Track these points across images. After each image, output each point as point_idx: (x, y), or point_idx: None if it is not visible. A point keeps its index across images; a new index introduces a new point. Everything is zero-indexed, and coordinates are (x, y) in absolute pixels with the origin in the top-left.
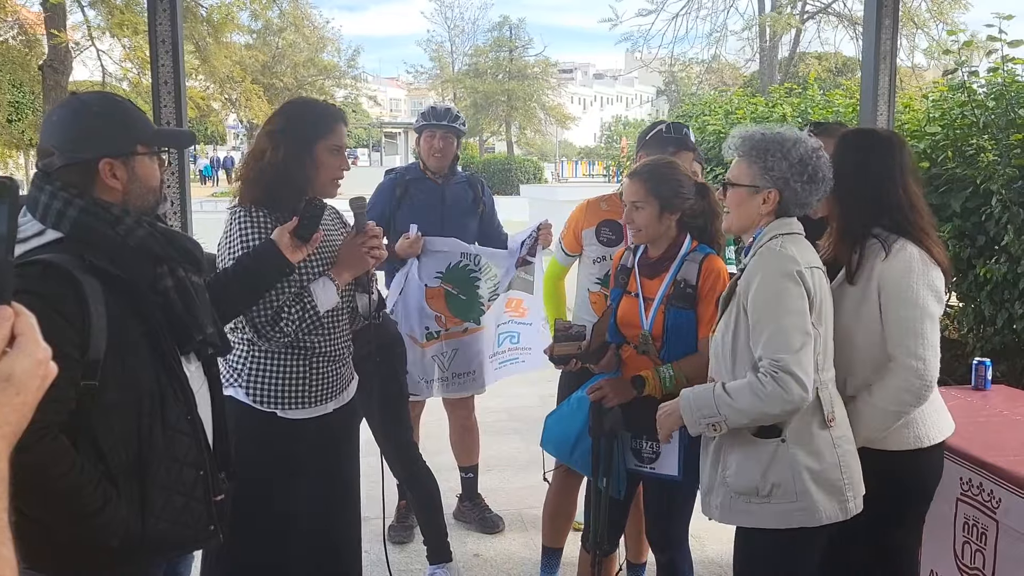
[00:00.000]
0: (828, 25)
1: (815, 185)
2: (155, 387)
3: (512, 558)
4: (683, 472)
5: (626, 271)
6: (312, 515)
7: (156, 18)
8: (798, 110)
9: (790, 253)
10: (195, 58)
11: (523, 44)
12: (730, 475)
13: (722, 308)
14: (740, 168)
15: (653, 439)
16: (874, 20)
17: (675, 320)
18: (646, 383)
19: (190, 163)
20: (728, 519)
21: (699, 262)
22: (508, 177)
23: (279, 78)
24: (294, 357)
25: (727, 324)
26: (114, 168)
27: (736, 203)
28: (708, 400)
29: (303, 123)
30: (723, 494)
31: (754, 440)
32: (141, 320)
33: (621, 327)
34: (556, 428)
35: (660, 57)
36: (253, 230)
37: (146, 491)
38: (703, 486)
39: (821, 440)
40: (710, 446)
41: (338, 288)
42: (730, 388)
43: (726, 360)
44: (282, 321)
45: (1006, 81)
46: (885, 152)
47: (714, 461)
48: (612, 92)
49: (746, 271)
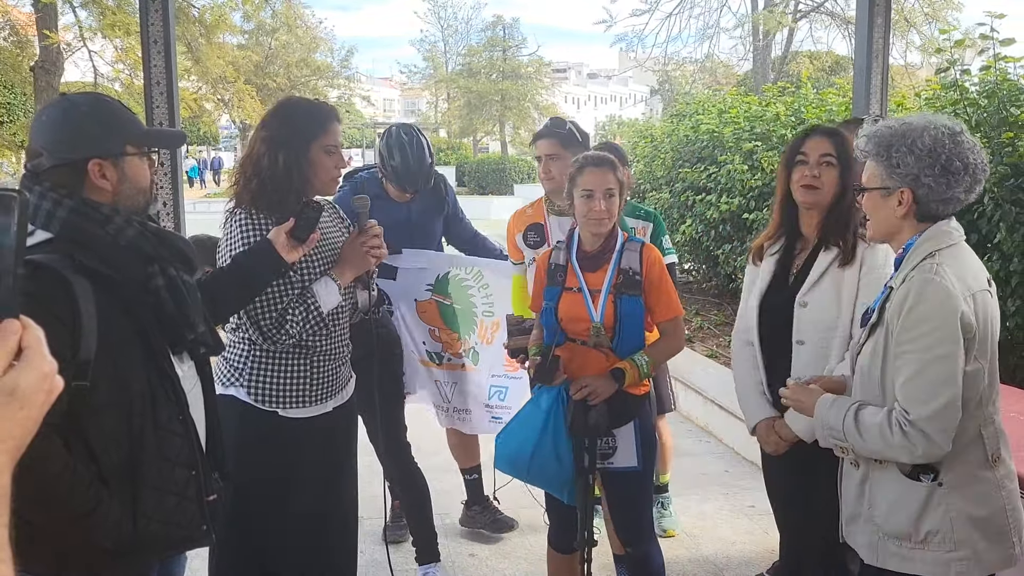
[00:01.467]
0: (821, 24)
1: (953, 177)
2: (146, 387)
3: (508, 556)
4: (641, 462)
5: (561, 268)
6: (310, 515)
7: (148, 18)
8: (791, 109)
9: (947, 284)
10: (187, 59)
11: (517, 44)
12: (878, 515)
13: (869, 329)
14: (869, 169)
15: (608, 435)
16: (866, 19)
17: (627, 307)
18: (626, 374)
19: (182, 164)
20: (876, 560)
21: (638, 251)
22: (502, 177)
23: (272, 78)
24: (296, 357)
25: (875, 350)
26: (103, 169)
27: (871, 208)
28: (838, 422)
29: (297, 126)
30: (870, 532)
31: (905, 480)
32: (132, 320)
33: (565, 323)
34: (508, 447)
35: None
36: (253, 231)
37: (138, 491)
38: (845, 512)
39: (984, 483)
40: (855, 473)
41: (340, 287)
42: (862, 421)
43: (874, 387)
44: (287, 323)
45: (998, 79)
46: None
47: (859, 493)
48: (606, 92)
49: (897, 295)
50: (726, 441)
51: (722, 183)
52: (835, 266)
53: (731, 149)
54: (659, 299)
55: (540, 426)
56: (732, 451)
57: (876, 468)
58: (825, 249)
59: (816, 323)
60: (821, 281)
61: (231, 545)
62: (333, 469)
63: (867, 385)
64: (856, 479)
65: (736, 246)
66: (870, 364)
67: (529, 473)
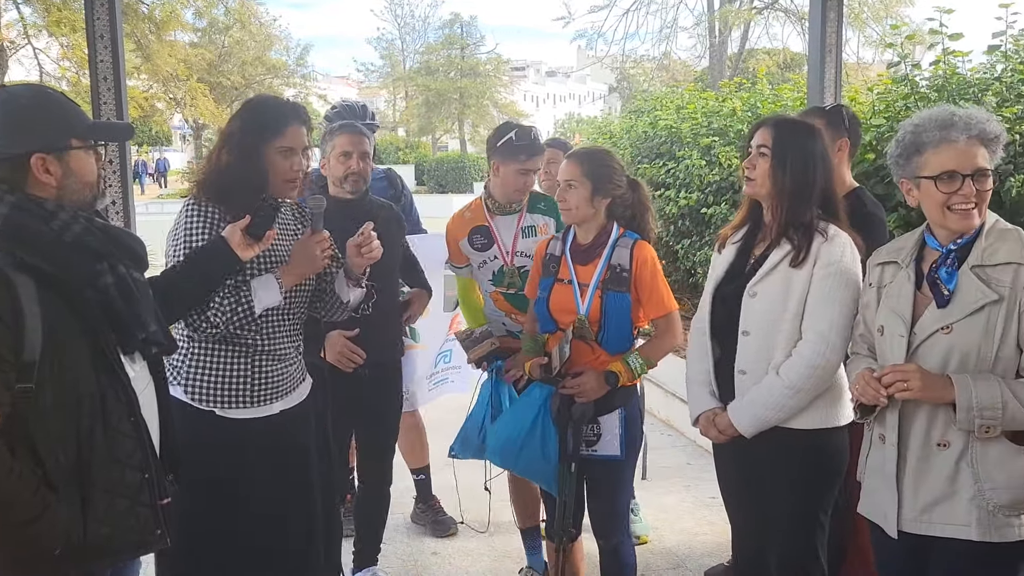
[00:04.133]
0: (776, 21)
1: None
2: (95, 388)
3: (470, 554)
4: (624, 451)
5: (555, 259)
6: (263, 517)
7: (94, 12)
8: (748, 104)
9: None
10: (137, 56)
11: (475, 42)
12: (991, 489)
13: (972, 308)
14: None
15: (594, 421)
16: (819, 14)
17: (613, 303)
18: (619, 377)
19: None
20: (990, 535)
21: (630, 247)
22: (462, 175)
23: (226, 77)
24: (234, 355)
25: (988, 328)
26: (47, 163)
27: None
28: (994, 399)
29: (254, 126)
30: (978, 508)
31: (1018, 449)
32: (79, 319)
33: (555, 314)
34: (499, 438)
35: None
36: (202, 225)
37: (88, 495)
38: (922, 498)
39: None
40: (942, 454)
41: (282, 288)
42: (1021, 395)
43: (984, 363)
44: (210, 311)
45: (947, 74)
46: (819, 140)
47: (952, 472)
48: (565, 90)
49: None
50: (688, 434)
51: (680, 178)
52: (786, 263)
53: (689, 145)
54: (651, 296)
55: (531, 418)
56: (694, 443)
57: (978, 443)
58: (780, 245)
59: (763, 314)
60: (774, 273)
61: (176, 546)
62: (285, 472)
63: (968, 364)
64: (949, 459)
65: (695, 241)
66: (981, 341)
67: (518, 464)
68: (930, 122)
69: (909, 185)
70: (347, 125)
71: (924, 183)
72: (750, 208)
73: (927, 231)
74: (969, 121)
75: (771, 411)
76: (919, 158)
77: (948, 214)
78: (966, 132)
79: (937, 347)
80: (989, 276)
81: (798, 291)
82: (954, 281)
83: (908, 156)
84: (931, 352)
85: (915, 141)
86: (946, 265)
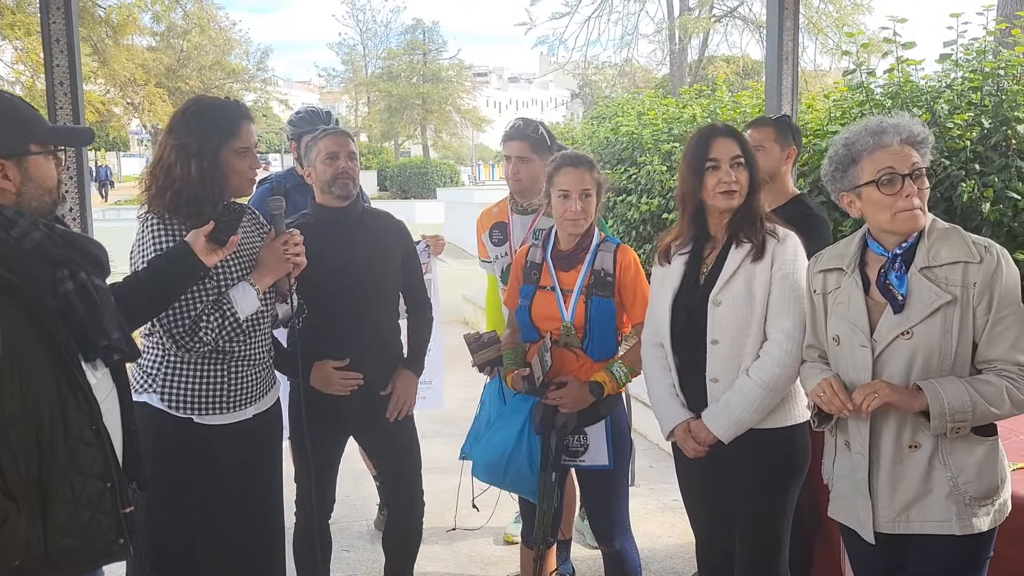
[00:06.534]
0: (735, 29)
1: None
2: (56, 396)
3: (437, 559)
4: (613, 461)
5: (536, 267)
6: (231, 520)
7: (49, 16)
8: (707, 111)
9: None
10: (93, 60)
11: (437, 47)
12: (966, 481)
13: (929, 311)
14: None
15: (580, 432)
16: (776, 22)
17: (598, 308)
18: (604, 387)
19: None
20: (971, 526)
21: (613, 252)
22: (425, 180)
23: (185, 81)
24: (212, 362)
25: (945, 327)
26: (5, 169)
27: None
28: (963, 401)
29: (206, 131)
30: (956, 503)
31: (982, 441)
32: (39, 327)
33: (537, 321)
34: (486, 455)
35: (574, 60)
36: (167, 236)
37: (49, 506)
38: (899, 499)
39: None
40: (914, 455)
41: (259, 292)
42: (983, 391)
43: (944, 364)
44: (201, 330)
45: (901, 81)
46: None
47: (926, 471)
48: (527, 96)
49: (978, 270)
50: (649, 436)
51: (642, 184)
52: (748, 262)
53: (650, 150)
54: (634, 300)
55: (516, 433)
56: (656, 447)
57: (947, 441)
58: (736, 246)
59: (730, 321)
60: (734, 279)
61: (147, 551)
62: (254, 475)
63: (931, 365)
64: (921, 459)
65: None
66: (940, 342)
67: (505, 479)
68: (862, 131)
69: (850, 197)
70: (329, 129)
71: (865, 190)
72: (693, 219)
73: (868, 236)
74: (898, 126)
75: (747, 413)
76: (855, 168)
77: (895, 218)
78: (897, 136)
79: (900, 353)
80: (938, 276)
81: (760, 295)
82: (904, 285)
83: (844, 168)
84: (893, 358)
85: (849, 153)
86: (894, 270)
